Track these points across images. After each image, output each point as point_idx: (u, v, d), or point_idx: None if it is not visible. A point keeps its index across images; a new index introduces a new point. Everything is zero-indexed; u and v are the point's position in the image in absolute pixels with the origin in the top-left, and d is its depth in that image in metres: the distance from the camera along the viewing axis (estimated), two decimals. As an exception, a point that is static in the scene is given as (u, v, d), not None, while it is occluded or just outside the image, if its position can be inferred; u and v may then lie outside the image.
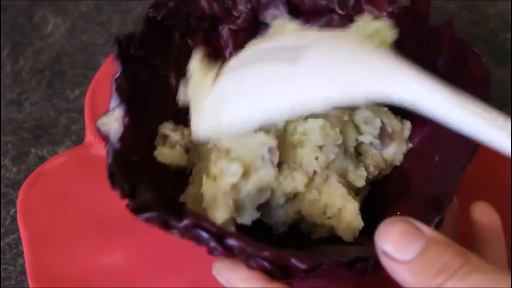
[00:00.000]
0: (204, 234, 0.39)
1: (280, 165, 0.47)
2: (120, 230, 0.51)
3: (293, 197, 0.48)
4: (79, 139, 0.62)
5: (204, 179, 0.47)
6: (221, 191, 0.45)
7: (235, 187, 0.45)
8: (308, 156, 0.47)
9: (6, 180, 0.59)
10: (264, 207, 0.48)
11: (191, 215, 0.39)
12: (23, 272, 0.53)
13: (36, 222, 0.52)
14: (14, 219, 0.56)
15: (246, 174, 0.46)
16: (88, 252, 0.50)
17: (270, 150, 0.46)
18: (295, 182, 0.47)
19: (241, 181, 0.45)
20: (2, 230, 0.56)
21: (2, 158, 0.61)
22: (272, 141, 0.46)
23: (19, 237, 0.54)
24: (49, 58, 0.70)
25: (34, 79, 0.68)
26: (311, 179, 0.47)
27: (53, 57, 0.70)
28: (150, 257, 0.49)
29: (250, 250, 0.39)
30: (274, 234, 0.50)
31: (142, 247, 0.49)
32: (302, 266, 0.39)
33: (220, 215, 0.45)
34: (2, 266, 0.54)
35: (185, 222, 0.39)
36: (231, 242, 0.39)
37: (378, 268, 0.40)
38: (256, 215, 0.47)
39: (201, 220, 0.39)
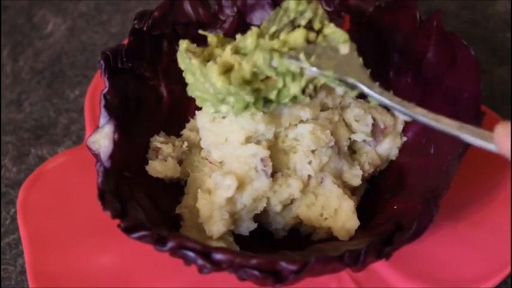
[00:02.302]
0: (190, 254, 0.39)
1: (274, 174, 0.47)
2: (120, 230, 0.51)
3: (290, 203, 0.48)
4: (79, 139, 0.62)
5: (199, 193, 0.47)
6: (216, 205, 0.45)
7: (230, 200, 0.45)
8: (301, 161, 0.47)
9: (6, 180, 0.59)
10: (262, 215, 0.48)
11: (174, 237, 0.39)
12: (23, 272, 0.53)
13: (36, 222, 0.52)
14: (14, 219, 0.56)
15: (240, 186, 0.46)
16: (88, 252, 0.50)
17: (262, 160, 0.46)
18: (290, 188, 0.47)
19: (236, 193, 0.45)
20: (2, 230, 0.56)
21: (2, 158, 0.61)
22: (264, 152, 0.46)
23: (19, 237, 0.54)
24: (49, 58, 0.70)
25: (34, 79, 0.68)
26: (306, 184, 0.47)
27: (53, 57, 0.70)
28: (150, 257, 0.49)
29: (238, 261, 0.39)
30: (275, 239, 0.50)
31: (141, 247, 0.49)
32: (292, 267, 0.39)
33: (216, 229, 0.45)
34: (2, 266, 0.54)
35: (169, 245, 0.39)
36: (218, 256, 0.39)
37: (370, 258, 0.40)
38: (253, 225, 0.47)
39: (184, 240, 0.39)
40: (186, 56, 0.45)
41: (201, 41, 0.56)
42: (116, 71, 0.49)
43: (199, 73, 0.44)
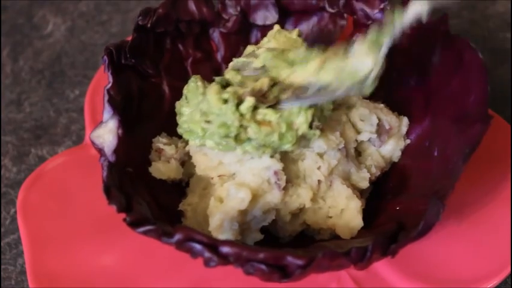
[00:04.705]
0: (197, 246, 0.39)
1: (285, 185, 0.47)
2: (120, 230, 0.51)
3: (299, 212, 0.48)
4: (79, 139, 0.62)
5: (212, 201, 0.46)
6: (228, 215, 0.45)
7: (242, 212, 0.45)
8: (310, 167, 0.47)
9: (6, 180, 0.59)
10: (270, 225, 0.48)
11: (181, 229, 0.39)
12: (23, 272, 0.53)
13: (36, 222, 0.52)
14: (14, 219, 0.56)
15: (253, 198, 0.45)
16: (88, 252, 0.50)
17: (276, 173, 0.46)
18: (300, 198, 0.47)
19: (249, 206, 0.45)
20: (2, 230, 0.56)
21: (2, 158, 0.61)
22: (278, 165, 0.46)
23: (19, 237, 0.54)
24: (49, 58, 0.70)
25: (34, 79, 0.68)
26: (316, 191, 0.47)
27: (53, 57, 0.70)
28: (150, 257, 0.49)
29: (245, 254, 0.38)
30: (279, 239, 0.50)
31: (142, 247, 0.49)
32: (299, 262, 0.38)
33: (224, 238, 0.45)
34: (2, 266, 0.54)
35: (177, 237, 0.39)
36: (225, 249, 0.39)
37: (376, 255, 0.40)
38: (259, 237, 0.47)
39: (192, 233, 0.39)
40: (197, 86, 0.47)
41: (204, 39, 0.56)
42: (119, 66, 0.49)
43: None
